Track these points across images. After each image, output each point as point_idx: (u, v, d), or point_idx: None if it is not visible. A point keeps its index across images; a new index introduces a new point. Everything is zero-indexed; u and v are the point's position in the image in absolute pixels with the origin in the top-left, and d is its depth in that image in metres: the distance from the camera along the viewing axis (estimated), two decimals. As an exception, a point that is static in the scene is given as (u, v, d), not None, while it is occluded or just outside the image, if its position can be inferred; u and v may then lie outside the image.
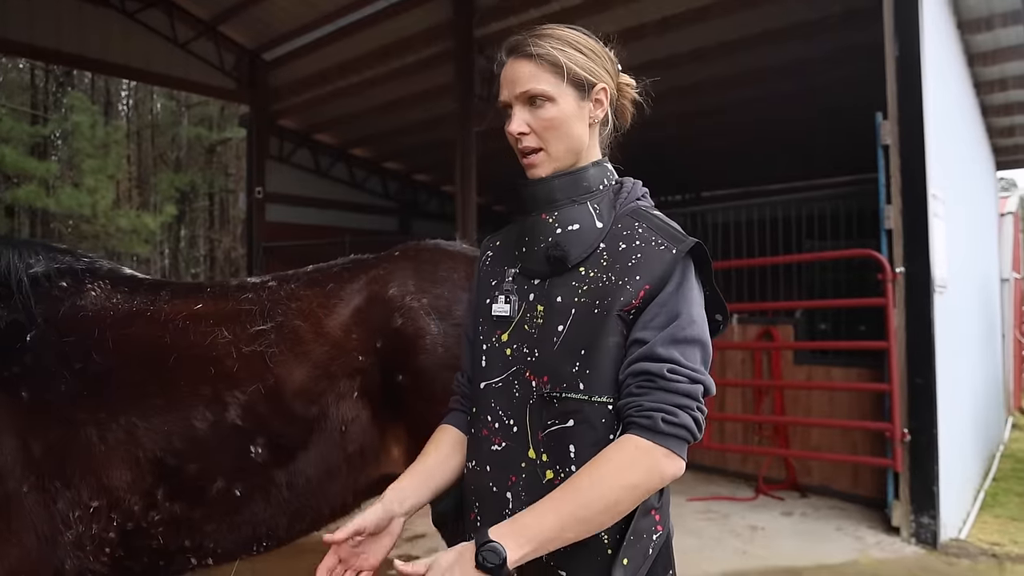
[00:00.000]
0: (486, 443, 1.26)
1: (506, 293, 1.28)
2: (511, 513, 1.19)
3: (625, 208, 1.27)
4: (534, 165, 1.25)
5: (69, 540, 1.64)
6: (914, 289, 4.46)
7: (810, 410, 5.67)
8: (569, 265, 1.22)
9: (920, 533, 4.38)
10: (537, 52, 1.23)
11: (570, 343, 1.18)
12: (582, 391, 1.16)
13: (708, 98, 8.40)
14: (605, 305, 1.17)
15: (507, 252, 1.35)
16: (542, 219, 1.26)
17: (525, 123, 1.23)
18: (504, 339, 1.27)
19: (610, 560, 1.15)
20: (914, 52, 4.43)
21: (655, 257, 1.18)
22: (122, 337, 1.71)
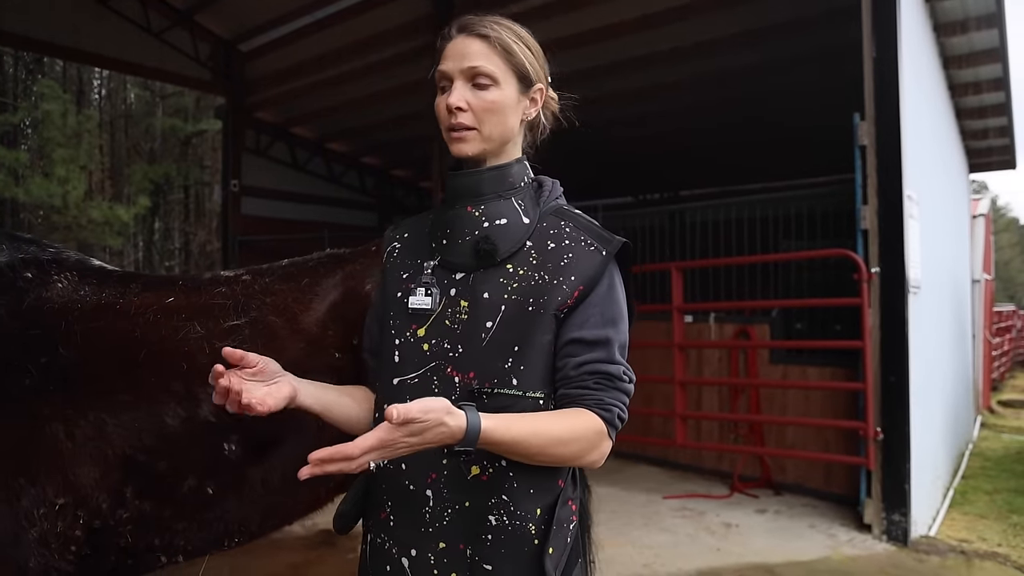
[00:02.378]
0: None
1: (425, 286, 1.25)
2: (432, 512, 1.19)
3: (548, 206, 1.29)
4: (464, 140, 1.22)
5: (33, 538, 1.59)
6: (889, 289, 4.51)
7: (785, 409, 5.72)
8: (498, 260, 1.22)
9: (891, 530, 4.44)
10: (492, 35, 1.22)
11: (500, 339, 1.18)
12: (515, 386, 1.17)
13: (686, 96, 8.43)
14: (541, 304, 1.19)
15: (419, 244, 1.32)
16: (467, 211, 1.24)
17: (465, 100, 1.21)
18: (421, 334, 1.23)
19: (537, 550, 1.18)
20: (891, 53, 4.48)
21: (586, 258, 1.21)
22: (90, 330, 1.66)
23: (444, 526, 1.19)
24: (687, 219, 7.58)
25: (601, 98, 8.59)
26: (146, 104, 21.44)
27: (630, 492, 5.64)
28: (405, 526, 1.21)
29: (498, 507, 1.18)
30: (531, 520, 1.18)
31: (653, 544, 4.49)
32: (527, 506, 1.19)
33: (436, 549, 1.19)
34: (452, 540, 1.18)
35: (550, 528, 1.18)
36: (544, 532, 1.18)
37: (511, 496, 1.18)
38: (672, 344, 5.95)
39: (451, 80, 1.23)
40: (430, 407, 1.01)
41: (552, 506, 1.20)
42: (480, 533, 1.18)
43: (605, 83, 8.26)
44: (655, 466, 6.44)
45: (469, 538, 1.18)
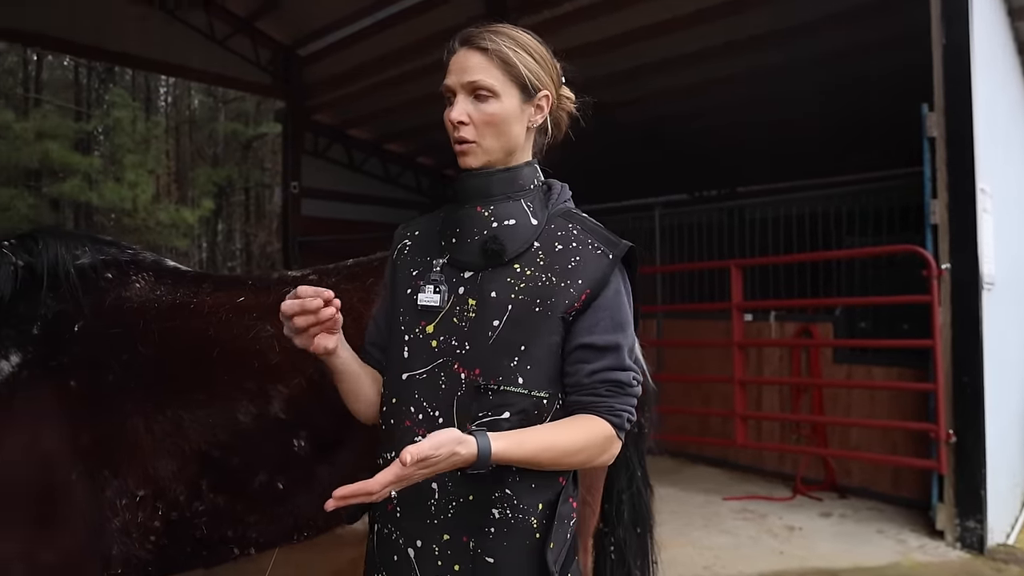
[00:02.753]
0: (408, 434, 1.24)
1: (434, 283, 1.27)
2: (438, 504, 1.21)
3: (557, 209, 1.32)
4: (466, 153, 1.26)
5: (116, 527, 1.67)
6: (961, 286, 4.34)
7: (850, 409, 5.56)
8: (505, 259, 1.24)
9: (965, 537, 4.27)
10: (491, 47, 1.25)
11: (507, 338, 1.21)
12: (521, 385, 1.21)
13: (742, 91, 8.26)
14: (548, 305, 1.22)
15: (429, 242, 1.34)
16: (477, 211, 1.26)
17: (466, 113, 1.24)
18: (429, 331, 1.26)
19: (538, 543, 1.20)
20: (963, 40, 4.29)
21: (593, 261, 1.24)
22: (167, 329, 1.73)
23: (448, 518, 1.21)
24: (745, 216, 7.42)
25: (652, 95, 8.52)
26: (209, 109, 22.17)
27: (689, 493, 5.56)
28: (411, 517, 1.24)
29: (501, 500, 1.20)
30: (533, 514, 1.21)
31: (713, 546, 4.43)
32: (529, 500, 1.21)
33: (440, 541, 1.21)
34: (456, 532, 1.21)
35: (552, 523, 1.21)
36: (545, 527, 1.21)
37: (514, 490, 1.20)
38: (731, 343, 5.84)
39: (454, 93, 1.26)
40: (441, 442, 1.06)
41: (554, 502, 1.23)
42: (483, 526, 1.20)
43: (655, 80, 8.17)
44: (714, 467, 6.33)
45: (472, 530, 1.21)
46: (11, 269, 1.77)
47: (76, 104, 19.86)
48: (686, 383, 6.58)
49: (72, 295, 1.77)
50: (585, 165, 3.01)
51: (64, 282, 1.78)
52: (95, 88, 20.84)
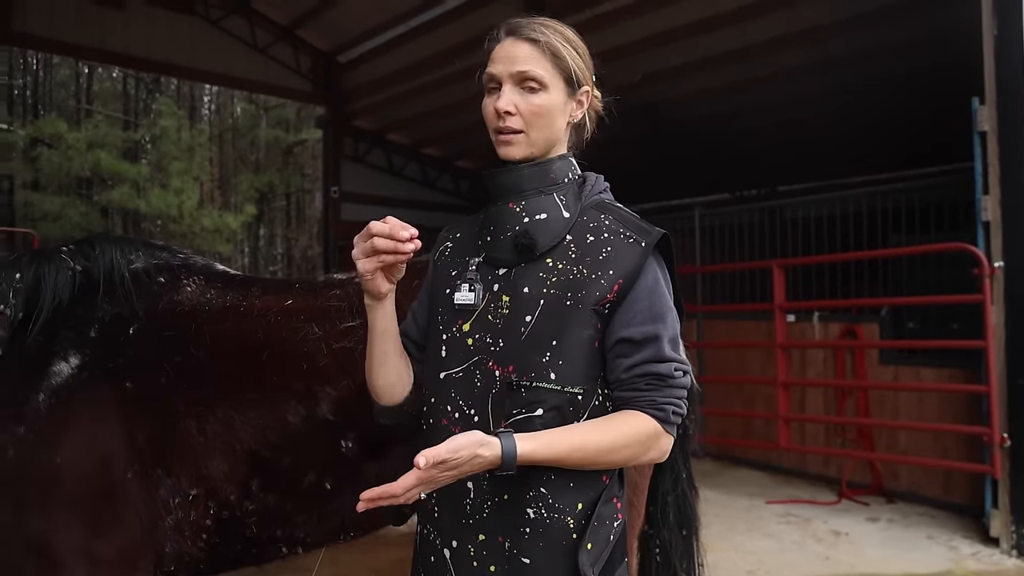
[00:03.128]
0: (445, 432, 1.20)
1: (469, 282, 1.27)
2: (474, 504, 1.21)
3: (590, 200, 1.30)
4: (511, 144, 1.24)
5: (169, 525, 1.72)
6: (1015, 284, 4.22)
7: (897, 412, 5.42)
8: (537, 254, 1.23)
9: (1022, 545, 4.14)
10: (541, 39, 1.24)
11: (539, 334, 1.20)
12: (554, 381, 1.18)
13: (785, 88, 8.13)
14: (579, 298, 1.19)
15: (469, 242, 1.35)
16: (509, 208, 1.26)
17: (513, 103, 1.22)
18: (466, 329, 1.25)
19: (574, 544, 1.18)
20: (1015, 29, 4.17)
21: (625, 250, 1.21)
22: (217, 332, 1.77)
23: (484, 518, 1.21)
24: (787, 214, 7.29)
25: (693, 94, 8.43)
26: (251, 117, 22.63)
27: (731, 496, 5.49)
28: (448, 518, 1.24)
29: (536, 500, 1.18)
30: (570, 514, 1.19)
31: (757, 550, 4.36)
32: (567, 500, 1.19)
33: (476, 541, 1.21)
34: (491, 532, 1.20)
35: (590, 523, 1.18)
36: (584, 527, 1.18)
37: (549, 489, 1.19)
38: (774, 344, 5.75)
39: (499, 83, 1.24)
40: (459, 445, 1.06)
41: (594, 502, 1.20)
42: (518, 526, 1.19)
43: (696, 79, 8.09)
44: (757, 470, 6.24)
45: (507, 531, 1.20)
46: (69, 274, 1.84)
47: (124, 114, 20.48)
48: (728, 385, 6.50)
49: (127, 299, 1.82)
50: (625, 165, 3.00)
51: (119, 286, 1.84)
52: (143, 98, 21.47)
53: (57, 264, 1.84)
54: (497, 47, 1.26)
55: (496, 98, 1.24)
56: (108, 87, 21.50)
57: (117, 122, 19.25)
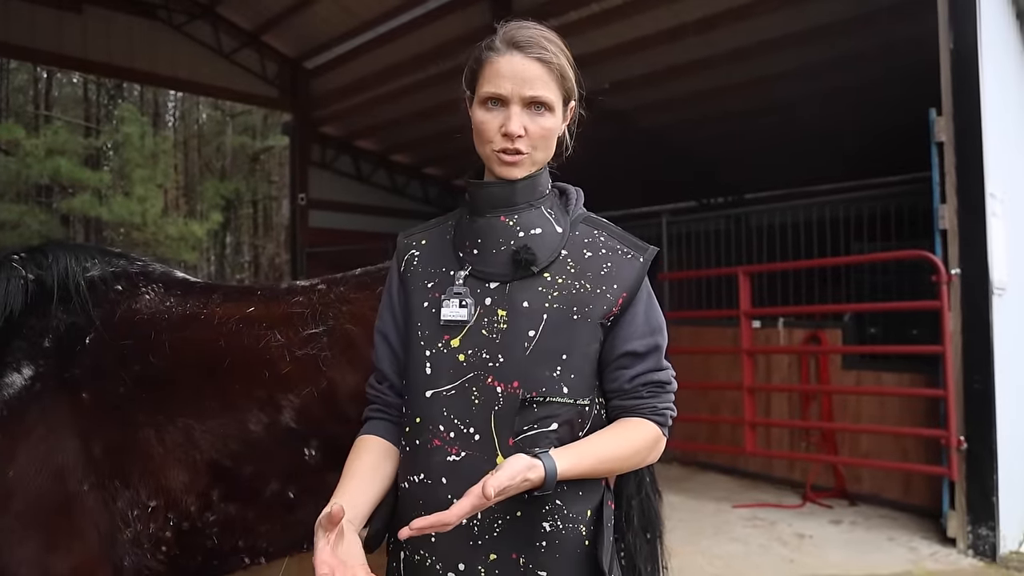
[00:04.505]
0: (439, 454, 1.20)
1: (459, 296, 1.23)
2: (480, 525, 1.18)
3: (577, 215, 1.31)
4: (516, 165, 1.22)
5: (128, 538, 1.67)
6: (971, 291, 4.33)
7: (859, 416, 5.53)
8: (535, 269, 1.22)
9: (978, 545, 4.24)
10: (554, 60, 1.22)
11: (546, 348, 1.19)
12: (566, 394, 1.19)
13: (749, 97, 8.28)
14: (586, 312, 1.21)
15: (442, 252, 1.30)
16: (501, 221, 1.24)
17: (523, 126, 1.20)
18: (455, 344, 1.22)
19: (589, 550, 1.22)
20: (970, 44, 4.29)
21: (625, 266, 1.25)
22: (177, 340, 1.74)
23: (495, 537, 1.19)
24: (753, 222, 7.41)
25: (660, 102, 8.54)
26: (217, 123, 22.35)
27: (699, 500, 5.54)
28: (450, 541, 1.19)
29: (552, 513, 1.19)
30: (582, 522, 1.21)
31: (723, 554, 4.40)
32: (578, 509, 1.21)
33: (487, 561, 1.19)
34: (504, 550, 1.19)
35: (600, 527, 1.22)
36: (594, 532, 1.22)
37: (563, 500, 1.19)
38: (740, 350, 5.83)
39: (505, 102, 1.20)
40: (515, 471, 1.07)
41: (599, 506, 1.24)
42: (534, 540, 1.19)
43: (663, 87, 8.20)
44: (724, 474, 6.31)
45: (521, 547, 1.19)
46: (21, 283, 1.79)
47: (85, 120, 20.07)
48: (694, 390, 6.56)
49: (83, 308, 1.78)
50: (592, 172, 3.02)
51: (74, 295, 1.79)
52: (104, 104, 21.06)
53: (8, 272, 1.79)
54: (500, 61, 1.21)
55: (502, 117, 1.20)
56: (68, 92, 21.06)
57: (78, 128, 18.85)
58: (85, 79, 19.72)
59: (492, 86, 1.21)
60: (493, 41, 1.24)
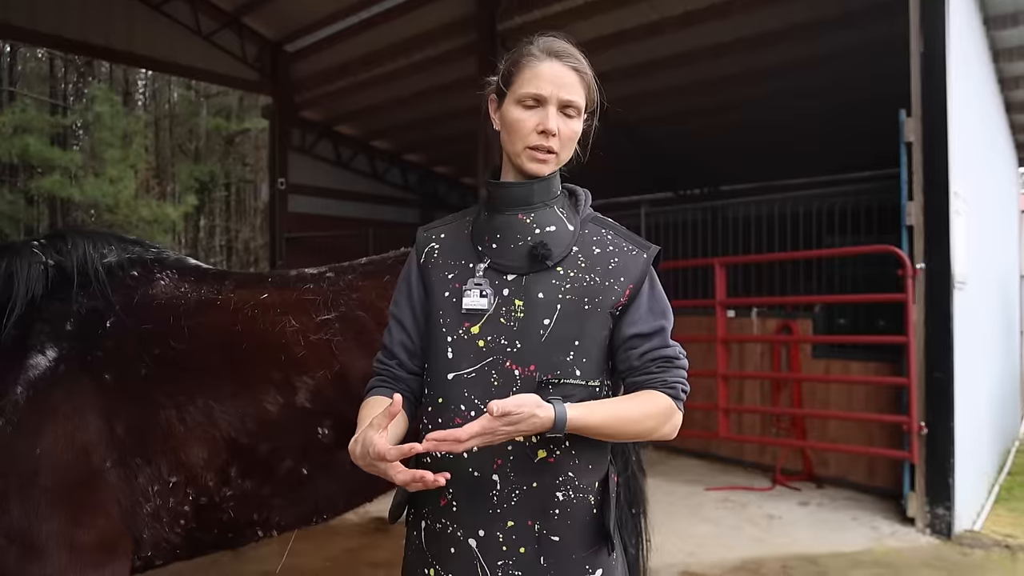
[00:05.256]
0: None
1: (479, 287, 1.34)
2: (499, 495, 1.30)
3: (586, 215, 1.44)
4: (545, 162, 1.34)
5: (147, 512, 1.77)
6: (934, 285, 4.52)
7: (828, 403, 5.75)
8: (550, 264, 1.34)
9: (935, 524, 4.47)
10: (582, 69, 1.36)
11: (560, 335, 1.31)
12: (579, 377, 1.32)
13: (728, 92, 8.44)
14: (596, 303, 1.34)
15: (461, 246, 1.41)
16: (519, 218, 1.36)
17: (557, 126, 1.33)
18: (475, 331, 1.33)
19: (597, 517, 1.34)
20: (939, 49, 4.45)
21: (631, 261, 1.38)
22: (196, 324, 1.83)
23: (512, 506, 1.31)
24: (729, 214, 7.59)
25: (642, 95, 8.66)
26: (190, 104, 21.93)
27: (673, 484, 5.73)
28: (471, 510, 1.31)
29: (565, 484, 1.32)
30: (591, 492, 1.35)
31: (696, 534, 4.59)
32: (588, 479, 1.34)
33: (504, 528, 1.31)
34: (521, 518, 1.31)
35: (607, 496, 1.35)
36: (601, 501, 1.36)
37: (576, 472, 1.33)
38: (715, 339, 6.01)
39: (543, 103, 1.32)
40: (523, 401, 1.18)
41: (605, 478, 1.37)
42: (548, 509, 1.31)
43: (646, 79, 8.32)
44: (697, 459, 6.51)
45: (537, 514, 1.31)
46: (41, 268, 1.86)
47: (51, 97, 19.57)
48: (670, 378, 6.72)
49: (102, 292, 1.86)
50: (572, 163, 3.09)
51: (93, 280, 1.87)
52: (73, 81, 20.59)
53: (28, 258, 1.86)
54: (541, 66, 1.33)
55: (539, 116, 1.32)
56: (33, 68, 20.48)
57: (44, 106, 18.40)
58: (52, 55, 19.22)
59: (533, 87, 1.33)
60: (532, 48, 1.36)
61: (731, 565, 4.07)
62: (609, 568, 1.37)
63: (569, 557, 1.32)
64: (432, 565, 1.36)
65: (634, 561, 2.14)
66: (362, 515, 4.91)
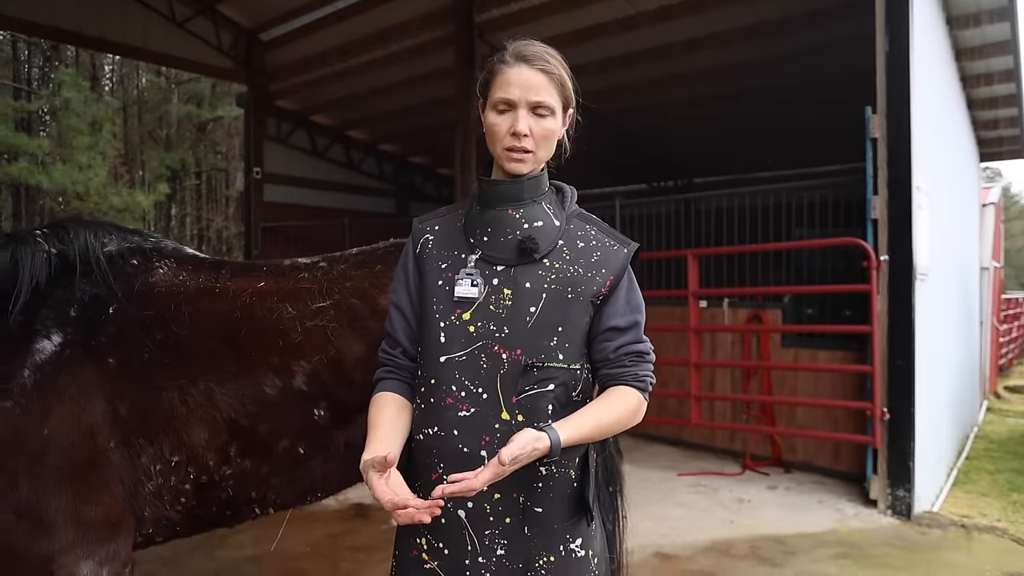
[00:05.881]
0: (451, 410, 1.42)
1: (470, 277, 1.44)
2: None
3: (572, 211, 1.54)
4: (522, 162, 1.43)
5: (149, 491, 1.84)
6: (897, 276, 4.70)
7: (796, 390, 5.94)
8: (537, 256, 1.44)
9: (896, 505, 4.67)
10: (553, 72, 1.45)
11: (544, 322, 1.42)
12: (561, 360, 1.43)
13: (702, 87, 8.60)
14: (579, 292, 1.44)
15: (454, 238, 1.51)
16: (508, 214, 1.46)
17: (528, 127, 1.42)
18: (466, 317, 1.43)
19: (577, 491, 1.46)
20: (903, 47, 4.61)
21: (613, 255, 1.49)
22: (196, 311, 1.90)
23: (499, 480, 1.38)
24: (701, 207, 7.75)
25: (617, 88, 8.78)
26: (160, 90, 21.60)
27: (647, 470, 5.89)
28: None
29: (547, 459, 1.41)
30: (572, 467, 1.46)
31: (670, 517, 4.74)
32: (569, 455, 1.44)
33: (492, 499, 1.42)
34: (507, 490, 1.42)
35: (587, 471, 1.47)
36: (581, 476, 1.47)
37: None
38: (687, 328, 6.17)
39: (514, 107, 1.42)
40: (525, 442, 1.30)
41: (585, 455, 1.48)
42: (532, 482, 1.43)
43: (621, 73, 8.43)
44: (670, 445, 6.68)
45: (522, 487, 1.43)
46: (45, 256, 1.92)
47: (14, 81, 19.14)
48: (644, 366, 6.87)
49: (104, 280, 1.92)
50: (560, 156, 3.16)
51: (95, 268, 1.93)
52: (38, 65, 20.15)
53: (32, 247, 1.91)
54: (510, 71, 1.43)
55: (512, 119, 1.42)
56: (-4, 51, 20.03)
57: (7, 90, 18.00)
58: (15, 38, 18.78)
59: (503, 92, 1.43)
60: (504, 55, 1.46)
61: (702, 546, 4.22)
62: (588, 538, 1.48)
63: (552, 527, 1.44)
64: (424, 535, 1.46)
65: (611, 536, 2.25)
66: (342, 501, 4.99)
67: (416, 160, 13.13)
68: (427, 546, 1.46)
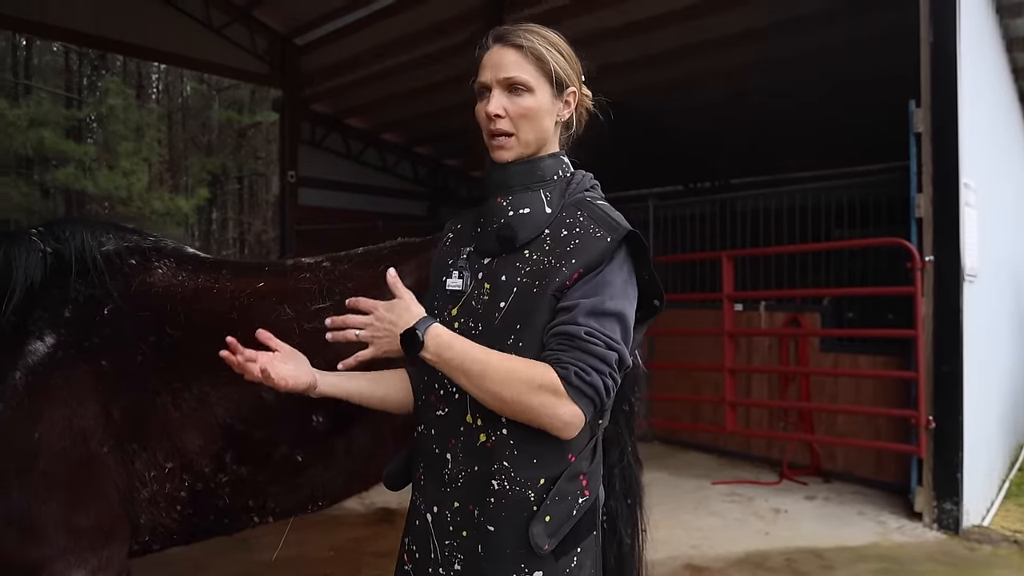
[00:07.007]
0: (432, 409, 1.37)
1: (459, 270, 1.37)
2: (451, 473, 1.32)
3: (572, 198, 1.37)
4: (503, 148, 1.33)
5: (144, 497, 1.79)
6: (943, 278, 4.48)
7: (836, 397, 5.71)
8: (517, 246, 1.33)
9: (942, 519, 4.44)
10: (525, 44, 1.33)
11: (509, 319, 1.29)
12: None
13: (737, 85, 8.37)
14: (543, 285, 1.28)
15: (466, 233, 1.45)
16: (497, 202, 1.36)
17: (502, 107, 1.31)
18: (453, 313, 1.36)
19: (534, 516, 1.25)
20: (949, 38, 4.40)
21: (591, 244, 1.28)
22: (192, 312, 1.84)
23: (459, 487, 1.32)
24: (738, 207, 7.54)
25: (650, 87, 8.62)
26: (202, 97, 22.04)
27: (680, 477, 5.72)
28: (431, 485, 1.36)
29: (500, 472, 1.27)
30: (531, 488, 1.26)
31: (702, 527, 4.58)
32: (528, 474, 1.26)
33: (452, 508, 1.33)
34: (464, 500, 1.32)
35: (550, 498, 1.26)
36: (542, 501, 1.26)
37: (512, 463, 1.27)
38: (722, 332, 5.99)
39: (489, 89, 1.33)
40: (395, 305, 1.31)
41: (556, 478, 1.27)
42: (485, 496, 1.28)
43: (652, 73, 8.27)
44: (705, 453, 6.49)
45: (477, 500, 1.30)
46: (40, 255, 1.88)
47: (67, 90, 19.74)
48: (678, 371, 6.73)
49: (100, 280, 1.88)
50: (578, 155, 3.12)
51: (91, 268, 1.89)
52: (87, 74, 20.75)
53: (27, 246, 1.88)
54: (486, 55, 1.35)
55: (486, 102, 1.33)
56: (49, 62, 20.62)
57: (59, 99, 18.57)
58: (67, 48, 19.37)
59: (479, 76, 1.35)
60: (485, 40, 1.38)
61: (735, 558, 4.06)
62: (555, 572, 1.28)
63: (503, 551, 1.26)
64: (408, 534, 1.42)
65: (630, 552, 2.14)
66: (368, 505, 4.95)
67: (450, 163, 13.11)
68: (407, 547, 1.42)
